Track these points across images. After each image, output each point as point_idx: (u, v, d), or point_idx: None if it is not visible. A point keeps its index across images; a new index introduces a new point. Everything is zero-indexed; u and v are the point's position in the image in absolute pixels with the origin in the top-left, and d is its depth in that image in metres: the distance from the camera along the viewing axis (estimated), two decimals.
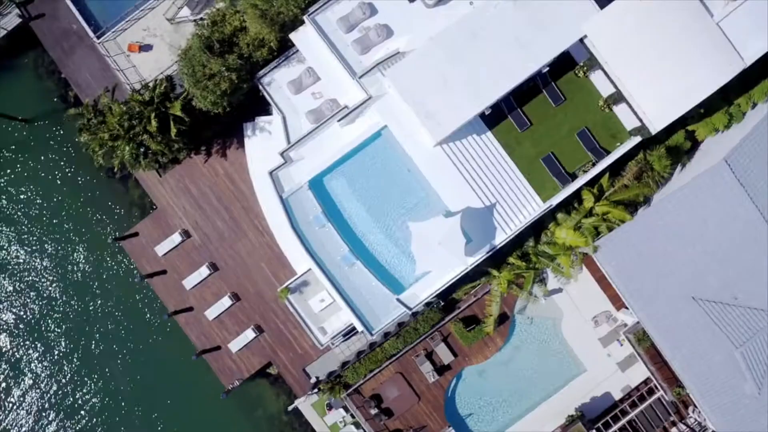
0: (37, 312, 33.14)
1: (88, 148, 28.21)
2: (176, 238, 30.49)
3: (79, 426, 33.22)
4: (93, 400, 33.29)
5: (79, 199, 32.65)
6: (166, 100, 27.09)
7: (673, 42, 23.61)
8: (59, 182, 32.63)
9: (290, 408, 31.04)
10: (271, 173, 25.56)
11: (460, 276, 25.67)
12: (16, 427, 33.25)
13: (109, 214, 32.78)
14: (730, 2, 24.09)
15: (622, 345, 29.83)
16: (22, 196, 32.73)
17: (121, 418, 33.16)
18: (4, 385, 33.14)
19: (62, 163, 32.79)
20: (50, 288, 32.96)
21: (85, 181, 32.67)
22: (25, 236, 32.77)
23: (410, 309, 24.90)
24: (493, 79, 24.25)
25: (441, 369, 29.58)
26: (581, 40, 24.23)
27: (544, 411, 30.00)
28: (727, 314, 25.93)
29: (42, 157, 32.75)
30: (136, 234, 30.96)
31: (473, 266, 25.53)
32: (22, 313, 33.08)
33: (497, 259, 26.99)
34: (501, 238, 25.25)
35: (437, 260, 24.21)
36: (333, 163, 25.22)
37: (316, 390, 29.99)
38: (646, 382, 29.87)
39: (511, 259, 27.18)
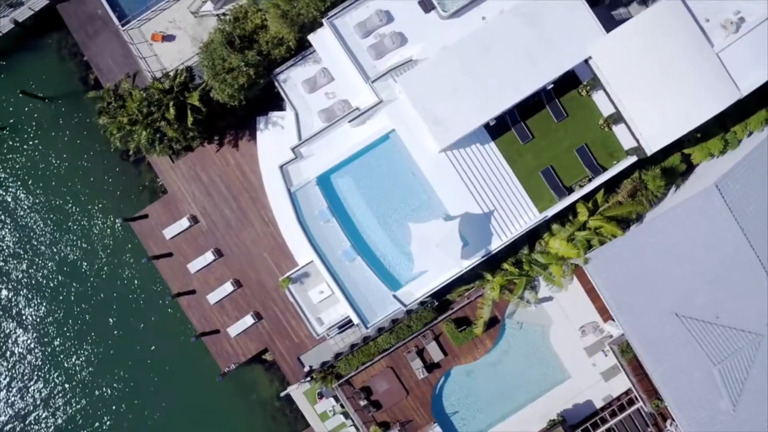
0: (41, 279, 34.45)
1: (106, 131, 29.52)
2: (184, 222, 31.84)
3: (70, 398, 34.53)
4: (85, 373, 34.56)
5: (93, 178, 34.08)
6: (185, 90, 28.43)
7: (673, 69, 24.92)
8: (75, 160, 34.08)
9: (283, 394, 32.41)
10: (281, 167, 26.88)
11: (455, 278, 27.02)
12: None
13: (120, 194, 34.22)
14: (731, 35, 25.46)
15: (606, 355, 31.15)
16: (38, 171, 34.12)
17: (114, 394, 34.46)
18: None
19: (79, 142, 34.21)
20: (57, 259, 34.29)
21: (100, 161, 34.09)
22: (38, 208, 34.19)
23: (405, 306, 26.24)
24: (501, 91, 25.58)
25: (430, 366, 30.88)
26: (586, 61, 25.60)
27: (527, 414, 31.27)
28: (708, 332, 27.23)
29: (60, 135, 34.19)
30: (145, 216, 32.33)
31: (468, 269, 26.88)
32: (27, 277, 34.42)
33: (492, 264, 28.37)
34: (496, 244, 26.58)
35: (434, 261, 25.54)
36: (341, 161, 26.59)
37: (308, 378, 31.29)
38: (627, 392, 31.18)
39: (505, 265, 28.52)
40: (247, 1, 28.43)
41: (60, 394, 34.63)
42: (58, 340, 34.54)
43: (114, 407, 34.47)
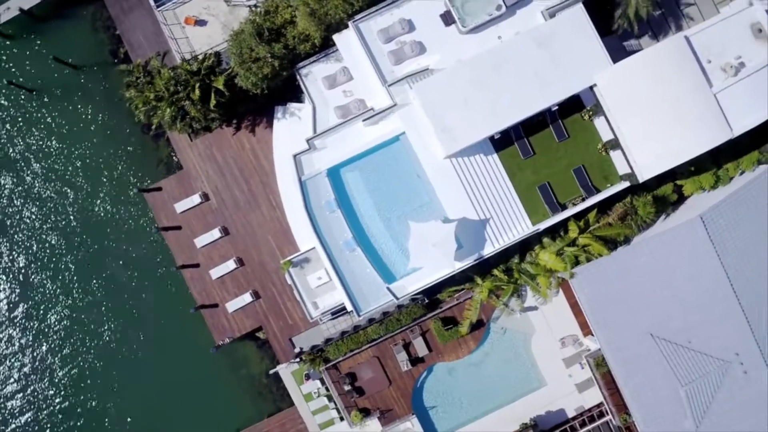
0: (53, 239, 36.35)
1: (131, 104, 31.40)
2: (196, 199, 33.76)
3: (65, 352, 36.47)
4: (82, 333, 36.40)
5: (113, 146, 35.98)
6: (212, 74, 30.34)
7: (672, 104, 26.85)
8: (97, 128, 35.99)
9: (271, 372, 34.32)
10: (295, 156, 28.81)
11: (446, 277, 28.99)
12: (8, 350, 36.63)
13: (137, 165, 36.08)
14: (730, 77, 27.39)
15: (582, 368, 33.08)
16: (61, 134, 36.06)
17: (108, 356, 36.33)
18: (6, 302, 36.50)
19: (102, 111, 36.11)
20: (70, 219, 36.21)
21: (121, 132, 35.98)
22: (57, 169, 36.08)
23: (397, 298, 28.19)
24: (508, 107, 27.51)
25: (415, 360, 32.77)
26: (591, 88, 27.53)
27: (502, 415, 33.17)
28: (679, 355, 29.15)
29: (85, 103, 36.11)
30: (159, 189, 34.25)
31: (460, 271, 28.84)
32: (38, 236, 36.33)
33: (483, 268, 30.32)
34: (489, 250, 28.53)
35: (429, 259, 27.47)
36: (352, 157, 28.55)
37: (298, 359, 33.21)
38: (598, 405, 33.07)
39: (495, 271, 30.47)
40: None
41: (54, 352, 36.58)
42: (59, 296, 36.44)
43: (106, 370, 36.30)
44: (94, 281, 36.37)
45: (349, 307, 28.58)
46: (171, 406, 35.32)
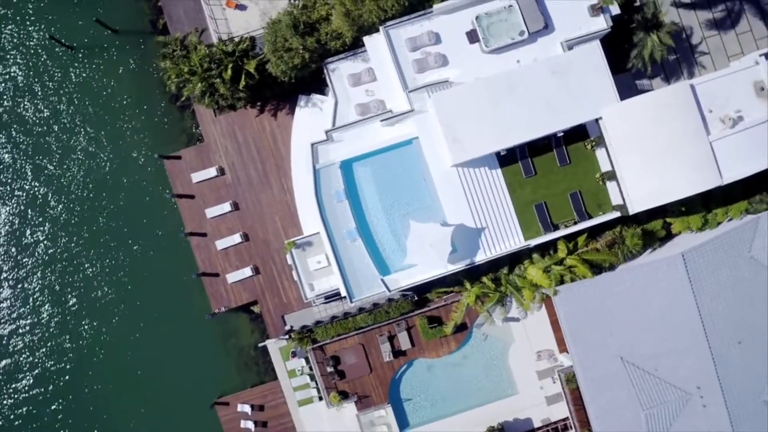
0: (68, 184, 38.60)
1: (165, 74, 33.63)
2: (212, 171, 36.07)
3: (66, 305, 38.75)
4: (84, 285, 38.69)
5: (140, 110, 38.35)
6: (245, 57, 32.63)
7: (669, 145, 29.13)
8: (128, 91, 38.35)
9: (260, 345, 36.64)
10: (313, 145, 31.08)
11: (438, 278, 31.30)
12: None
13: (160, 131, 38.40)
14: (727, 129, 29.65)
15: (554, 382, 35.38)
16: (93, 92, 38.36)
17: (106, 310, 38.59)
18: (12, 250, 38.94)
19: (134, 76, 38.40)
20: (89, 173, 38.45)
21: (150, 98, 38.31)
22: (84, 124, 38.36)
23: (389, 290, 30.48)
24: (518, 128, 29.79)
25: (397, 353, 35.05)
26: (597, 120, 29.83)
27: (471, 416, 35.47)
28: (645, 380, 31.49)
29: (119, 66, 38.43)
30: (179, 157, 36.56)
31: (451, 273, 31.15)
32: (55, 185, 38.61)
33: (473, 274, 32.66)
34: (481, 258, 30.82)
35: (424, 258, 29.75)
36: (365, 153, 30.90)
37: (287, 336, 35.49)
38: (564, 419, 35.35)
39: (484, 279, 32.77)
40: None
41: (54, 297, 38.94)
42: (66, 243, 38.70)
43: (105, 321, 38.64)
44: (104, 235, 38.57)
45: (343, 293, 30.87)
46: (161, 362, 37.68)
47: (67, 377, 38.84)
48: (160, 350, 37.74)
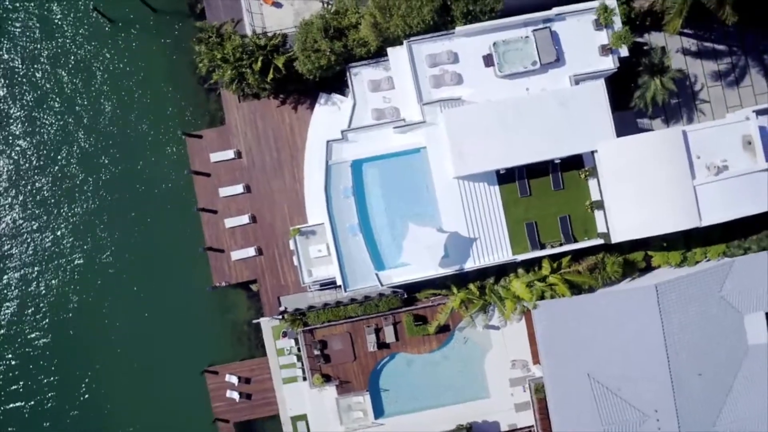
0: (91, 147, 41.71)
1: (198, 57, 36.64)
2: (230, 154, 39.06)
3: (72, 264, 41.88)
4: (92, 247, 41.78)
5: (169, 87, 41.44)
6: (275, 52, 35.60)
7: (656, 184, 32.08)
8: (160, 68, 41.48)
9: (254, 321, 39.70)
10: (328, 142, 34.04)
11: (428, 279, 34.30)
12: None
13: (185, 109, 41.43)
14: (711, 175, 32.59)
15: (524, 391, 38.34)
16: (127, 64, 41.41)
17: (112, 274, 41.71)
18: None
19: (168, 55, 41.53)
20: (114, 140, 41.62)
21: (180, 76, 41.40)
22: (116, 93, 41.53)
23: (381, 285, 33.51)
24: (520, 150, 32.74)
25: (381, 345, 38.01)
26: (593, 152, 32.81)
27: (442, 413, 38.35)
28: (608, 399, 34.46)
29: (155, 43, 41.53)
30: (200, 136, 39.55)
31: (441, 276, 34.14)
32: (81, 141, 41.79)
33: (461, 280, 35.69)
34: (470, 266, 33.79)
35: (418, 259, 32.73)
36: (376, 155, 33.86)
37: (280, 317, 38.47)
38: (529, 427, 38.30)
39: (471, 285, 35.78)
40: (350, 0, 35.51)
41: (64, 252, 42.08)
42: (81, 205, 41.82)
43: (108, 285, 41.68)
44: (118, 200, 41.59)
45: (339, 282, 33.87)
46: (160, 326, 40.72)
47: (70, 332, 42.02)
48: (160, 315, 40.82)
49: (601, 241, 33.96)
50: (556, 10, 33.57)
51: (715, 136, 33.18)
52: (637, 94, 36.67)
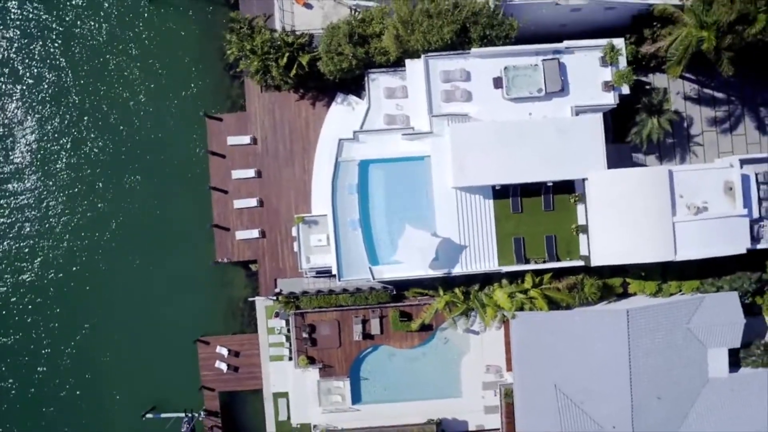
0: (112, 125, 45.15)
1: (228, 45, 39.78)
2: (246, 139, 42.28)
3: (80, 229, 45.22)
4: (102, 212, 45.11)
5: (196, 69, 44.78)
6: (301, 50, 38.75)
7: (638, 216, 35.20)
8: (189, 49, 44.77)
9: (250, 299, 42.95)
10: (340, 140, 37.20)
11: (417, 279, 37.52)
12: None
13: (208, 92, 44.77)
14: (691, 215, 35.72)
15: (495, 395, 41.57)
16: (159, 43, 44.74)
17: (119, 240, 45.03)
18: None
19: (199, 38, 44.86)
20: (137, 112, 44.88)
21: (207, 60, 44.75)
22: (145, 68, 44.77)
23: (373, 278, 36.73)
24: (517, 170, 35.88)
25: (366, 335, 41.18)
26: (584, 180, 35.98)
27: (415, 406, 41.58)
28: (570, 410, 37.65)
29: (188, 27, 44.77)
30: (220, 119, 42.81)
31: (430, 277, 37.37)
32: (107, 108, 45.08)
33: (447, 283, 38.94)
34: (457, 271, 36.99)
35: (410, 258, 35.88)
36: (383, 158, 37.04)
37: (275, 298, 41.65)
38: (495, 429, 41.54)
39: (456, 289, 39.00)
40: (376, 10, 38.59)
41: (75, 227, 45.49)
42: (97, 170, 45.17)
43: (115, 250, 45.07)
44: (134, 169, 44.89)
45: (334, 271, 37.06)
46: (159, 293, 44.09)
47: (72, 284, 45.52)
48: (162, 281, 44.19)
49: (582, 263, 37.12)
50: (566, 43, 36.74)
51: (700, 178, 36.30)
52: (634, 131, 39.83)
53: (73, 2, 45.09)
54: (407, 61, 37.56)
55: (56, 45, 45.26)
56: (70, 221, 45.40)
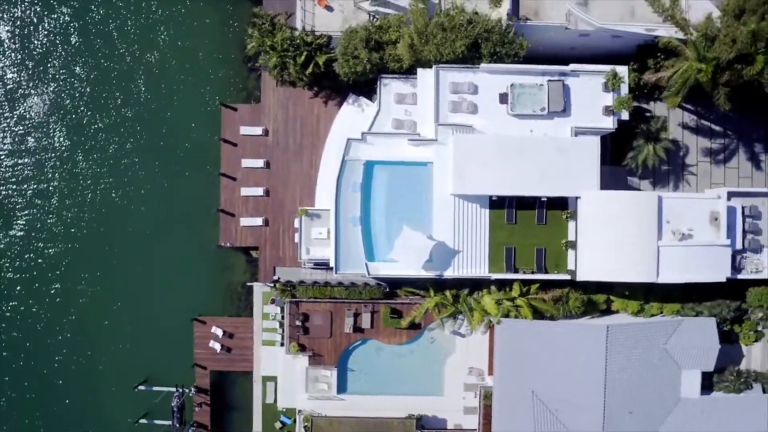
0: (139, 107, 47.58)
1: (249, 38, 42.07)
2: (258, 130, 44.63)
3: (86, 199, 47.61)
4: (114, 188, 47.60)
5: (215, 58, 47.28)
6: (319, 50, 41.08)
7: (625, 236, 37.52)
8: (211, 38, 47.22)
9: (248, 284, 45.29)
10: (348, 139, 39.50)
11: (410, 278, 39.84)
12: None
13: (226, 81, 47.15)
14: (675, 240, 38.02)
15: (475, 397, 43.84)
16: (182, 29, 47.13)
17: (125, 212, 47.46)
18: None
19: (220, 28, 47.24)
20: (158, 94, 47.40)
21: (227, 50, 47.20)
22: (169, 54, 47.36)
23: (368, 274, 39.04)
24: (514, 183, 38.19)
25: (357, 329, 43.46)
26: (576, 198, 38.28)
27: (397, 401, 43.77)
28: (544, 417, 39.91)
29: (211, 16, 47.16)
30: (235, 109, 45.15)
31: (422, 278, 39.69)
32: (125, 86, 47.63)
33: (439, 285, 41.26)
34: (449, 274, 39.27)
35: (405, 258, 38.18)
36: (388, 161, 39.36)
37: (272, 285, 43.96)
38: (472, 430, 43.81)
39: (446, 292, 41.31)
40: (393, 18, 40.85)
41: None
42: (114, 142, 47.68)
43: (123, 222, 47.53)
44: (151, 145, 47.30)
45: (332, 263, 39.38)
46: (162, 270, 46.63)
47: (77, 245, 48.08)
48: (165, 258, 46.60)
49: (568, 277, 39.41)
50: (572, 66, 39.03)
51: (688, 206, 38.68)
52: (630, 155, 42.10)
53: None
54: (419, 70, 39.84)
55: (86, 32, 47.74)
56: (78, 193, 47.79)
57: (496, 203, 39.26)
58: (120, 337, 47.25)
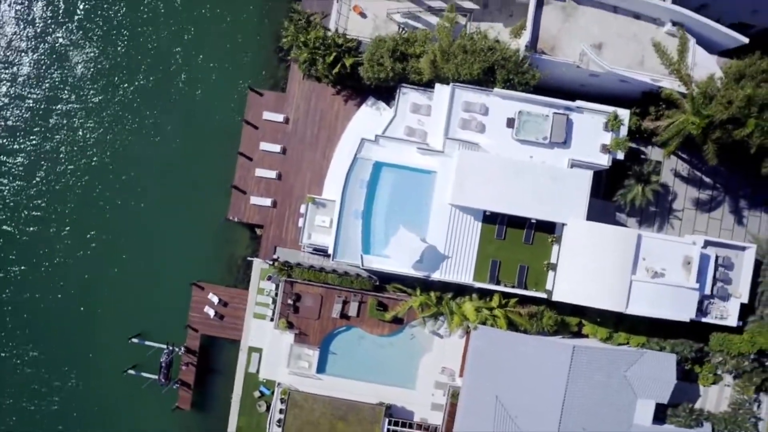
0: (172, 81, 51.74)
1: (284, 32, 46.08)
2: (280, 117, 48.72)
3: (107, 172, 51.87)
4: (134, 157, 51.78)
5: (250, 44, 51.34)
6: (347, 53, 45.11)
7: (601, 266, 41.57)
8: (248, 27, 51.18)
9: (249, 259, 49.34)
10: (362, 139, 43.54)
11: (400, 275, 43.93)
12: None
13: (256, 67, 51.27)
14: (648, 277, 42.00)
15: (444, 395, 47.89)
16: (223, 17, 51.25)
17: (138, 188, 51.70)
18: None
19: (256, 19, 51.38)
20: (190, 75, 51.47)
21: (262, 39, 51.18)
22: (207, 36, 51.53)
23: (362, 265, 43.09)
24: (508, 201, 42.22)
25: (344, 315, 47.53)
26: (563, 224, 42.31)
27: (371, 387, 47.91)
28: (504, 421, 43.91)
29: (248, 7, 51.08)
30: (261, 94, 49.23)
31: (411, 276, 43.75)
32: (157, 75, 51.85)
33: (425, 285, 45.34)
34: (436, 276, 43.31)
35: (398, 255, 42.27)
36: (396, 164, 43.38)
37: (271, 263, 48.03)
38: (436, 426, 47.82)
39: (431, 293, 45.38)
40: (421, 33, 44.86)
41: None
42: (143, 110, 51.75)
43: (139, 184, 51.74)
44: (177, 117, 51.41)
45: (330, 251, 43.45)
46: (169, 231, 51.00)
47: (91, 194, 52.33)
48: (174, 223, 50.72)
49: (545, 296, 43.44)
50: (578, 102, 43.04)
51: (664, 247, 42.66)
52: (620, 192, 46.09)
53: None
54: (437, 85, 43.84)
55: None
56: (103, 144, 52.04)
57: (489, 218, 43.29)
58: (122, 288, 51.36)
